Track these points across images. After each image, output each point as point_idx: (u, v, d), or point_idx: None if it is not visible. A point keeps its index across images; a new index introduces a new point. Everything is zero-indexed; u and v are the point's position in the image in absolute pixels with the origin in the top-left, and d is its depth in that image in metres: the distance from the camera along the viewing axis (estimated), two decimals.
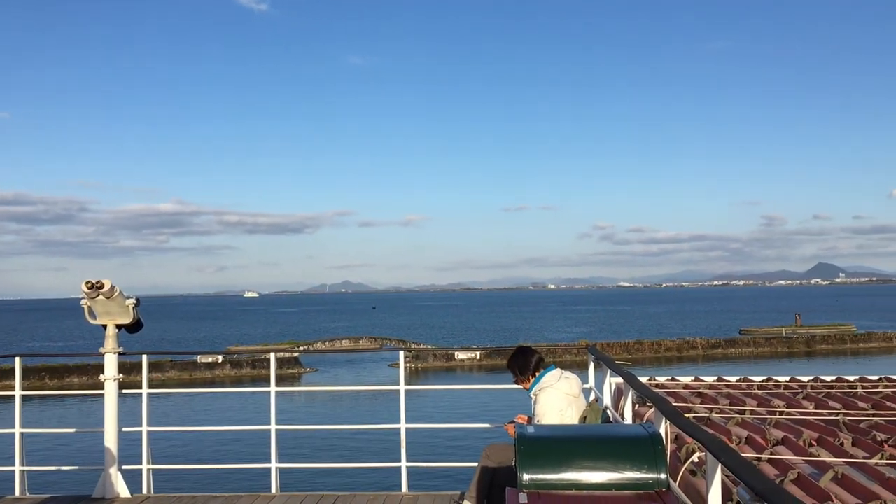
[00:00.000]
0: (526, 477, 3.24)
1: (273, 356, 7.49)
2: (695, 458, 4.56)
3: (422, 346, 58.82)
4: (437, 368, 52.01)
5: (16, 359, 7.43)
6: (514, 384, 5.93)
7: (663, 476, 3.24)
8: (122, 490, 6.79)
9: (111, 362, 6.78)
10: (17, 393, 7.05)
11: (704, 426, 5.45)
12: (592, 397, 6.45)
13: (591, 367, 6.97)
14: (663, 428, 4.13)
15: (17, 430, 6.98)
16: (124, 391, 7.09)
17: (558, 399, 5.42)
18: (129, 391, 7.22)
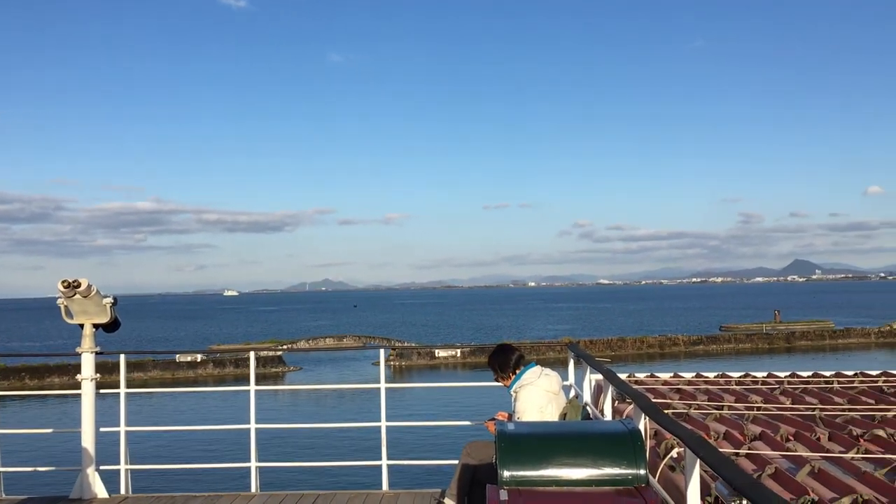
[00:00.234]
0: (506, 474, 3.25)
1: (253, 355, 7.44)
2: (674, 453, 4.59)
3: (406, 344, 58.75)
4: (421, 366, 52.02)
5: None
6: (495, 382, 5.93)
7: (643, 472, 3.26)
8: (100, 491, 6.72)
9: (88, 362, 6.71)
10: None
11: (683, 422, 5.49)
12: (572, 394, 6.47)
13: (571, 364, 7.00)
14: (643, 424, 4.15)
15: None
16: (103, 391, 7.02)
17: (538, 396, 5.43)
18: (107, 391, 7.15)
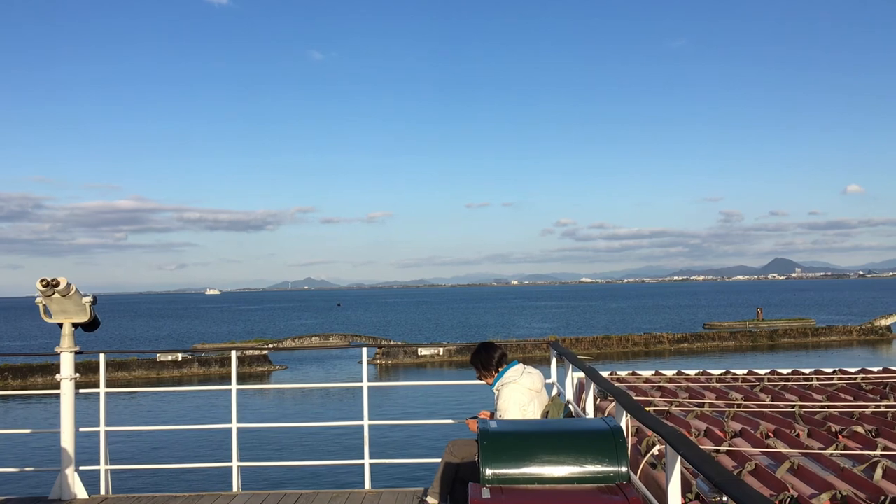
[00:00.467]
0: (489, 472, 3.25)
1: (234, 354, 7.40)
2: (655, 450, 4.61)
3: (392, 343, 58.64)
4: (408, 365, 51.95)
5: None
6: (478, 380, 5.93)
7: (624, 469, 3.27)
8: (80, 491, 6.66)
9: (67, 361, 6.65)
10: None
11: (664, 419, 5.52)
12: (555, 392, 6.48)
13: (554, 362, 7.02)
14: (624, 421, 4.17)
15: None
16: (83, 391, 6.96)
17: (521, 394, 5.43)
18: (87, 391, 7.08)
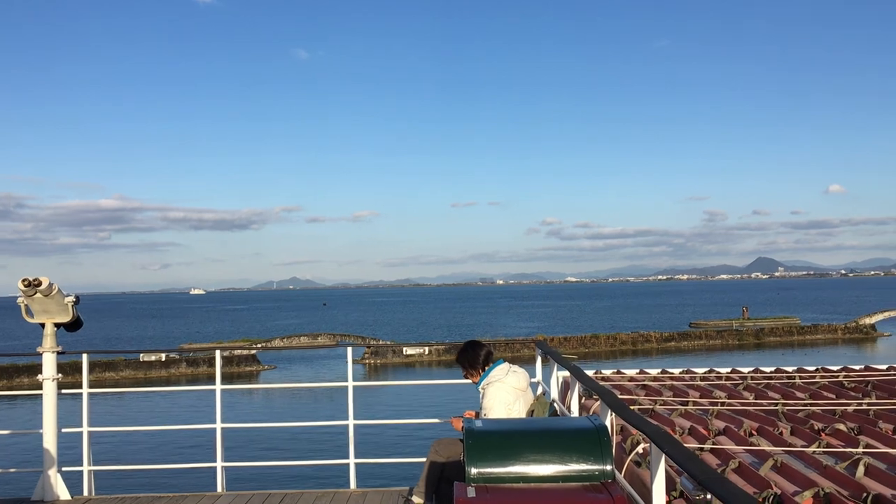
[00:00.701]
0: (474, 471, 3.25)
1: (218, 353, 7.34)
2: (639, 449, 4.63)
3: (380, 342, 58.52)
4: (396, 364, 51.86)
5: None
6: (465, 378, 5.93)
7: (609, 467, 3.28)
8: (63, 492, 6.60)
9: (49, 361, 6.60)
10: None
11: (649, 418, 5.55)
12: (540, 391, 6.49)
13: (539, 361, 7.03)
14: (609, 420, 4.18)
15: None
16: (66, 391, 6.90)
17: (506, 393, 5.43)
18: (70, 391, 7.03)
